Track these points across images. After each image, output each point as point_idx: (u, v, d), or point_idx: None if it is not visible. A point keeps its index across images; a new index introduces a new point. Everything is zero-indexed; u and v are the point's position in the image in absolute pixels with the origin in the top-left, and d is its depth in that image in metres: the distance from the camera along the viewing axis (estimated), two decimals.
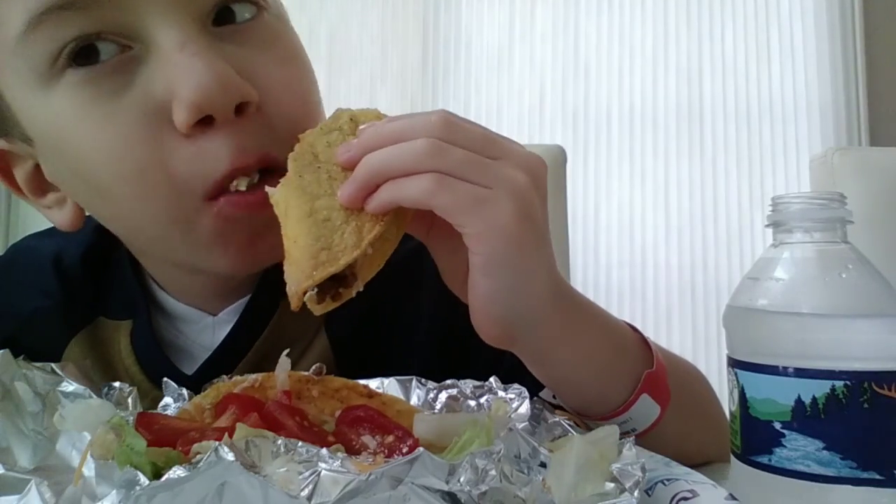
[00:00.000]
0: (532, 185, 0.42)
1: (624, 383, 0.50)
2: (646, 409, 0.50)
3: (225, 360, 0.58)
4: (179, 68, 0.45)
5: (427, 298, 0.62)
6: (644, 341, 0.53)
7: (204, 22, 0.48)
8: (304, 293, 0.40)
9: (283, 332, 0.60)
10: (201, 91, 0.44)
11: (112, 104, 0.46)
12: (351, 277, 0.41)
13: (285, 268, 0.41)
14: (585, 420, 0.51)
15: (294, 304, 0.40)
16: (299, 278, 0.39)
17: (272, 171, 0.48)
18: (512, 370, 0.50)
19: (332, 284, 0.41)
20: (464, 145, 0.41)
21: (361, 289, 0.42)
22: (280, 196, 0.42)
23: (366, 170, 0.40)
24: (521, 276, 0.42)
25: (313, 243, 0.40)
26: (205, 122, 0.46)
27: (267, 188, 0.43)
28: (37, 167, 0.54)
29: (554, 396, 0.52)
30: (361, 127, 0.43)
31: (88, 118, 0.47)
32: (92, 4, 0.45)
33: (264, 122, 0.49)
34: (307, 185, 0.42)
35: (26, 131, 0.51)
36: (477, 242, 0.41)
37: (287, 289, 0.40)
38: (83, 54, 0.46)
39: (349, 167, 0.42)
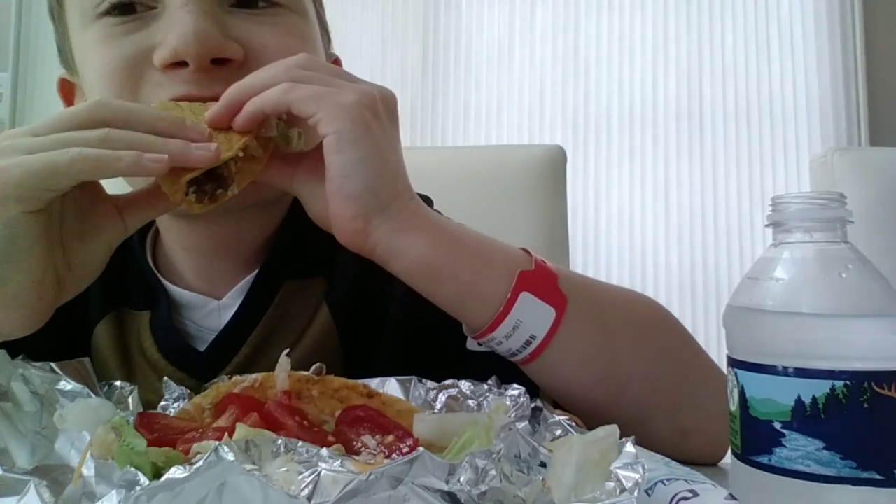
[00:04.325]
0: (378, 96, 0.49)
1: (498, 281, 0.49)
2: (535, 311, 0.49)
3: (233, 337, 0.61)
4: (174, 19, 0.54)
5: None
6: (528, 254, 0.53)
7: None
8: (187, 188, 0.46)
9: (288, 307, 0.63)
10: (180, 38, 0.52)
11: (120, 39, 0.55)
12: (229, 180, 0.48)
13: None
14: (473, 335, 0.52)
15: (176, 198, 0.47)
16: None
17: None
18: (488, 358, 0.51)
19: (212, 187, 0.48)
20: (320, 70, 0.49)
21: (237, 192, 0.49)
22: None
23: (230, 92, 0.48)
24: (369, 150, 0.47)
25: None
26: (180, 66, 0.53)
27: None
28: None
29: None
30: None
31: (102, 48, 0.56)
32: None
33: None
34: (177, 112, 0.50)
35: (76, 64, 0.60)
36: (327, 124, 0.46)
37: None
38: (121, 7, 0.55)
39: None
